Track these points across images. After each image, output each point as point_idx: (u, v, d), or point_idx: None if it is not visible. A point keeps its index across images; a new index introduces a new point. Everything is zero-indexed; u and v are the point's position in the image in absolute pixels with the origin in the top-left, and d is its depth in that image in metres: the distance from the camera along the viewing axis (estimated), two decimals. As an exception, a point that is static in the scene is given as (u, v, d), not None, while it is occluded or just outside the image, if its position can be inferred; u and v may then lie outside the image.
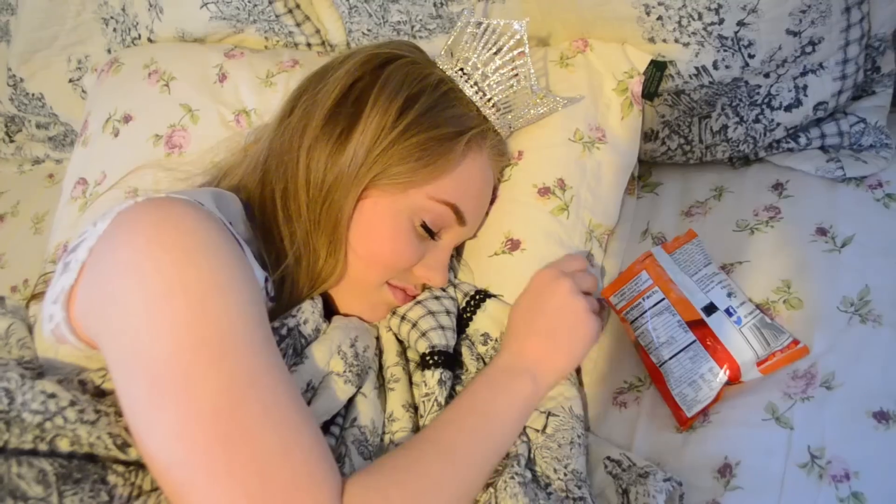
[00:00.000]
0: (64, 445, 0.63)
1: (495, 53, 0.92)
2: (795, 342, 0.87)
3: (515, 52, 0.92)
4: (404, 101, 0.84)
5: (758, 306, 0.91)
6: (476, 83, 0.92)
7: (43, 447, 0.62)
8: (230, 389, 0.61)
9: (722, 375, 0.84)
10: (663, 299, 0.89)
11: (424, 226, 0.87)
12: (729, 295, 0.90)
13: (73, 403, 0.64)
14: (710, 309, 0.88)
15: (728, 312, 0.88)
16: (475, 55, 0.93)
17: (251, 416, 0.61)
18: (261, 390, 0.63)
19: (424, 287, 0.94)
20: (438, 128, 0.85)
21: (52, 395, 0.64)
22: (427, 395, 0.83)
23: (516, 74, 0.93)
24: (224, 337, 0.63)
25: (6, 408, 0.62)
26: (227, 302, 0.65)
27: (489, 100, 0.93)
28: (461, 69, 0.93)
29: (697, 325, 0.87)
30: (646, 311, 0.89)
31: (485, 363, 0.90)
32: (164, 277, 0.63)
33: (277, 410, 0.63)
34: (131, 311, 0.64)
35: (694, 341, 0.86)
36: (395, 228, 0.85)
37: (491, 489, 0.75)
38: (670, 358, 0.86)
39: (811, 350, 0.86)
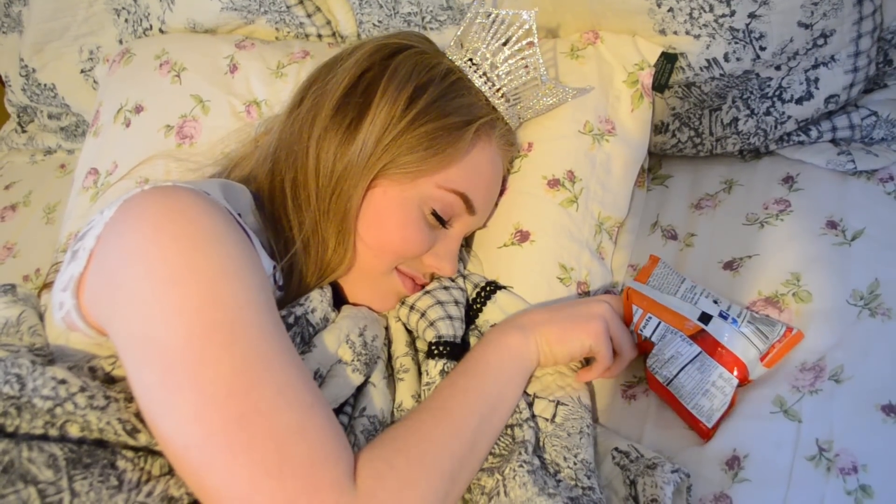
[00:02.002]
0: (74, 431, 0.64)
1: (504, 44, 0.92)
2: (790, 329, 0.87)
3: (524, 43, 0.92)
4: (413, 91, 0.84)
5: (767, 299, 0.92)
6: (485, 73, 0.92)
7: (53, 432, 0.63)
8: (244, 371, 0.62)
9: (733, 379, 0.84)
10: (660, 324, 0.88)
11: (435, 214, 0.87)
12: (715, 301, 0.90)
13: (83, 389, 0.64)
14: (706, 318, 0.88)
15: (723, 317, 0.88)
16: (484, 45, 0.93)
17: (266, 397, 0.62)
18: (273, 372, 0.63)
19: (433, 277, 0.94)
20: (447, 117, 0.85)
21: (63, 381, 0.64)
22: (428, 384, 0.83)
23: (525, 65, 0.93)
24: (234, 320, 0.64)
25: (17, 393, 0.63)
26: (236, 287, 0.65)
27: (498, 90, 0.93)
28: (470, 59, 0.93)
29: (699, 337, 0.86)
30: (649, 338, 0.88)
31: None
32: (171, 264, 0.64)
33: (291, 390, 0.63)
34: (140, 298, 0.64)
35: (700, 352, 0.85)
36: (404, 216, 0.85)
37: (498, 475, 0.75)
38: (678, 373, 0.85)
39: (820, 343, 0.86)
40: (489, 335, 0.85)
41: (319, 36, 1.31)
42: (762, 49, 0.99)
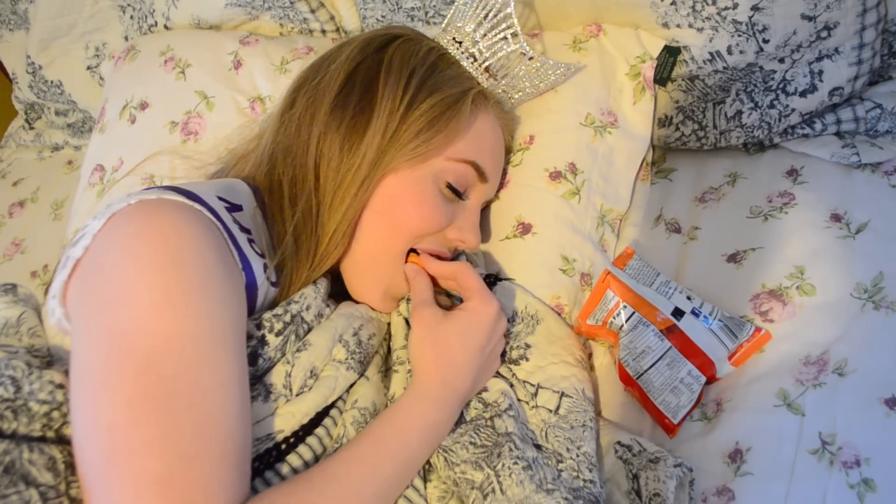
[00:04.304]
0: (70, 432, 0.64)
1: (484, 18, 0.92)
2: (758, 330, 0.88)
3: (502, 14, 0.92)
4: (408, 78, 0.85)
5: (771, 292, 0.92)
6: (467, 49, 0.92)
7: (51, 434, 0.64)
8: (138, 405, 0.60)
9: (701, 377, 0.85)
10: (634, 313, 0.89)
11: (450, 187, 0.87)
12: (689, 298, 0.90)
13: None
14: (679, 313, 0.88)
15: (695, 314, 0.88)
16: (466, 24, 0.93)
17: (145, 437, 0.59)
18: (165, 414, 0.60)
19: (457, 252, 0.94)
20: (439, 92, 0.86)
21: (60, 386, 0.65)
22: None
23: (504, 38, 0.92)
24: (154, 350, 0.61)
25: (12, 396, 0.63)
26: (175, 316, 0.63)
27: (481, 64, 0.93)
28: (454, 38, 0.93)
29: (671, 332, 0.87)
30: (621, 328, 0.89)
31: None
32: (123, 285, 0.64)
33: (173, 438, 0.60)
34: (90, 312, 0.65)
35: (670, 348, 0.86)
36: (420, 194, 0.85)
37: (489, 470, 0.75)
38: (648, 368, 0.86)
39: (824, 336, 0.86)
40: (405, 406, 0.79)
41: (323, 31, 1.31)
42: (765, 42, 0.98)
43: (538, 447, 0.80)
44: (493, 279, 0.93)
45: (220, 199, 0.78)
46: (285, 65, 1.21)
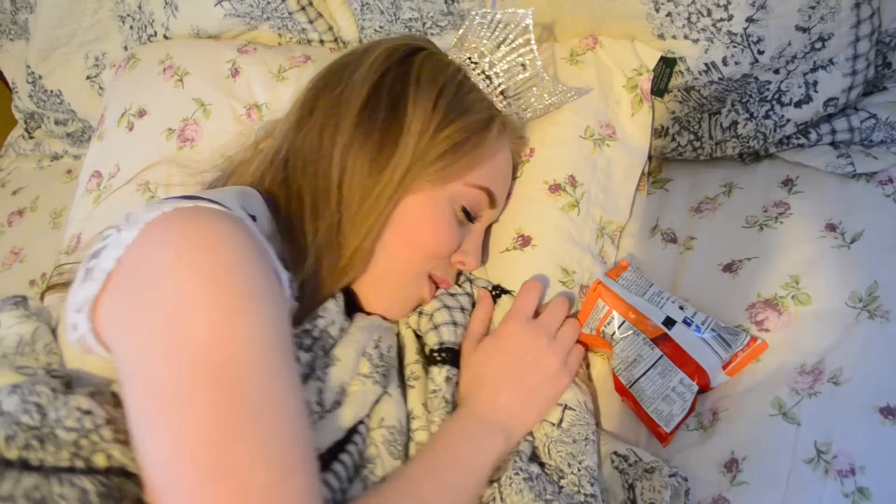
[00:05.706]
0: (100, 461, 0.61)
1: (502, 42, 0.93)
2: (754, 339, 0.88)
3: (521, 40, 0.93)
4: (437, 97, 0.85)
5: (766, 301, 0.92)
6: (483, 71, 0.93)
7: (79, 464, 0.60)
8: (230, 419, 0.58)
9: (693, 385, 0.85)
10: (624, 322, 0.89)
11: (464, 210, 0.88)
12: (681, 308, 0.90)
13: (108, 422, 0.62)
14: (670, 322, 0.88)
15: (686, 323, 0.88)
16: (483, 45, 0.94)
17: (246, 452, 0.57)
18: (262, 424, 0.59)
19: (459, 275, 0.95)
20: (467, 115, 0.86)
21: (88, 412, 0.62)
22: (434, 391, 0.83)
23: (522, 63, 0.93)
24: (231, 364, 0.60)
25: (38, 423, 0.60)
26: (245, 326, 0.62)
27: (496, 87, 0.93)
28: (469, 58, 0.93)
29: (662, 341, 0.87)
30: (612, 336, 0.89)
31: None
32: (185, 297, 0.61)
33: (275, 448, 0.59)
34: (147, 327, 0.61)
35: (661, 356, 0.86)
36: (437, 217, 0.85)
37: (496, 484, 0.76)
38: (640, 377, 0.86)
39: (819, 345, 0.86)
40: (473, 429, 0.80)
41: (321, 41, 1.32)
42: (760, 53, 0.99)
43: (541, 465, 0.81)
44: (497, 292, 0.94)
45: (242, 208, 0.76)
46: (283, 73, 1.21)
